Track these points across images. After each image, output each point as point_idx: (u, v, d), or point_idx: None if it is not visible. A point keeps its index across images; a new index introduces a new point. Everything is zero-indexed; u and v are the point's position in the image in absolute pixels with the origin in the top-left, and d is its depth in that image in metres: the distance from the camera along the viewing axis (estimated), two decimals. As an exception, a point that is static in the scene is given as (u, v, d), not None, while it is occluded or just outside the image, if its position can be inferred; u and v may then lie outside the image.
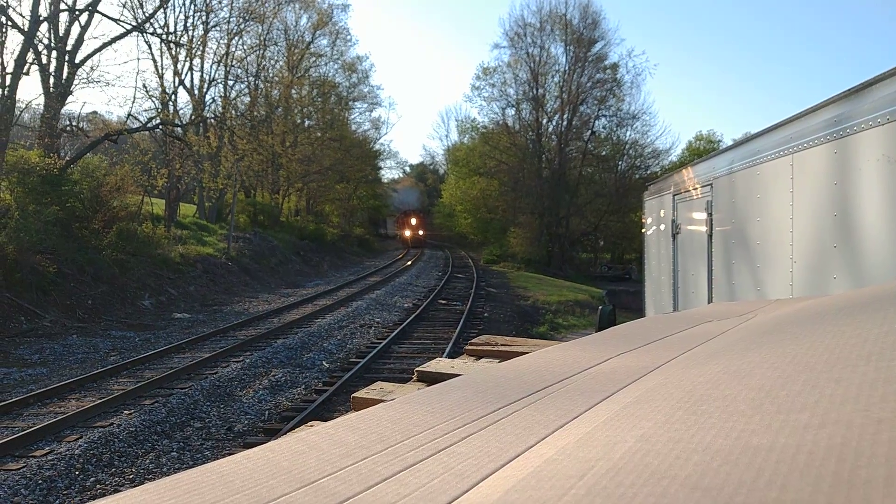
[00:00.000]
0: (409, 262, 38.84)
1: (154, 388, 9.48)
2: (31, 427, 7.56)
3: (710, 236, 4.65)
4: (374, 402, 1.13)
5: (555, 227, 45.80)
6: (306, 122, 46.42)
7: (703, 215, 4.84)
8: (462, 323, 15.88)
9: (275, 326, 14.83)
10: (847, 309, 1.10)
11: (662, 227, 6.37)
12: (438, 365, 1.45)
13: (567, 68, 47.39)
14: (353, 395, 1.27)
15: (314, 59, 45.24)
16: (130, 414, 8.25)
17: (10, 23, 18.74)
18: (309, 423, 1.08)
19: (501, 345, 1.61)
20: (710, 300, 4.51)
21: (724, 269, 4.26)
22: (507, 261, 43.99)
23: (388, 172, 73.63)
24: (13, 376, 10.68)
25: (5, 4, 18.60)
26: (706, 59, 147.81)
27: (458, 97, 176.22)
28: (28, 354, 12.16)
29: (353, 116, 55.33)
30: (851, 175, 2.65)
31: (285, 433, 7.55)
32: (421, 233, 59.39)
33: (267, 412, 8.91)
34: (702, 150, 61.80)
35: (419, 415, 0.80)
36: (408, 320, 16.16)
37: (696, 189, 5.14)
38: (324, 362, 11.95)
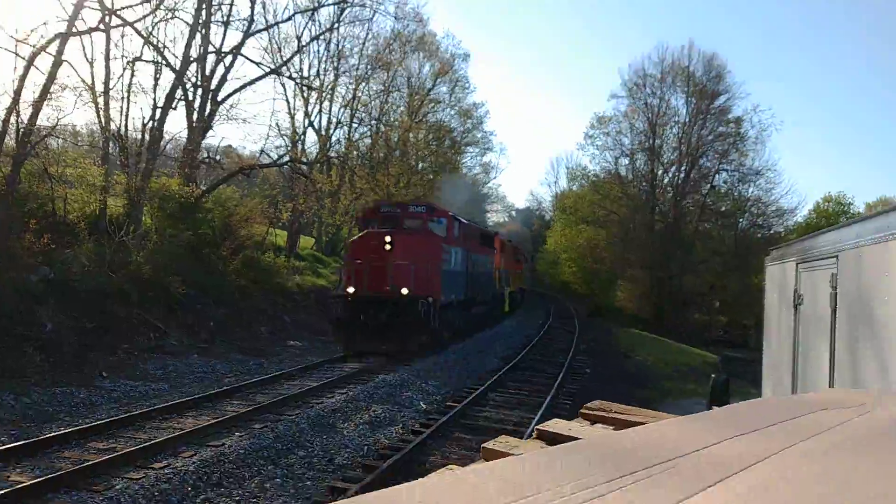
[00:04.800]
0: (509, 310, 38.47)
1: (264, 412, 9.97)
2: (152, 440, 8.13)
3: (835, 311, 4.44)
4: (501, 454, 1.26)
5: (666, 283, 44.18)
6: (420, 165, 47.84)
7: (827, 288, 4.63)
8: (561, 377, 15.58)
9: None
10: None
11: (784, 296, 6.11)
12: (557, 426, 1.55)
13: (687, 120, 46.44)
14: (483, 445, 1.41)
15: (433, 104, 46.78)
16: (241, 436, 8.69)
17: (164, 62, 20.85)
18: (448, 467, 1.23)
19: (616, 412, 1.69)
20: (831, 382, 4.29)
21: (847, 349, 4.05)
22: (613, 315, 42.71)
23: (495, 216, 74.12)
24: (139, 389, 11.61)
25: (162, 46, 20.76)
26: (840, 119, 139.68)
27: (569, 145, 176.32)
28: (153, 369, 13.15)
29: (464, 160, 56.41)
30: None
31: (383, 471, 7.69)
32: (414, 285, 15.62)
33: (366, 447, 9.14)
34: (830, 212, 58.13)
35: (547, 472, 0.92)
36: (505, 368, 16.07)
37: (820, 260, 4.93)
38: (421, 403, 12.11)
